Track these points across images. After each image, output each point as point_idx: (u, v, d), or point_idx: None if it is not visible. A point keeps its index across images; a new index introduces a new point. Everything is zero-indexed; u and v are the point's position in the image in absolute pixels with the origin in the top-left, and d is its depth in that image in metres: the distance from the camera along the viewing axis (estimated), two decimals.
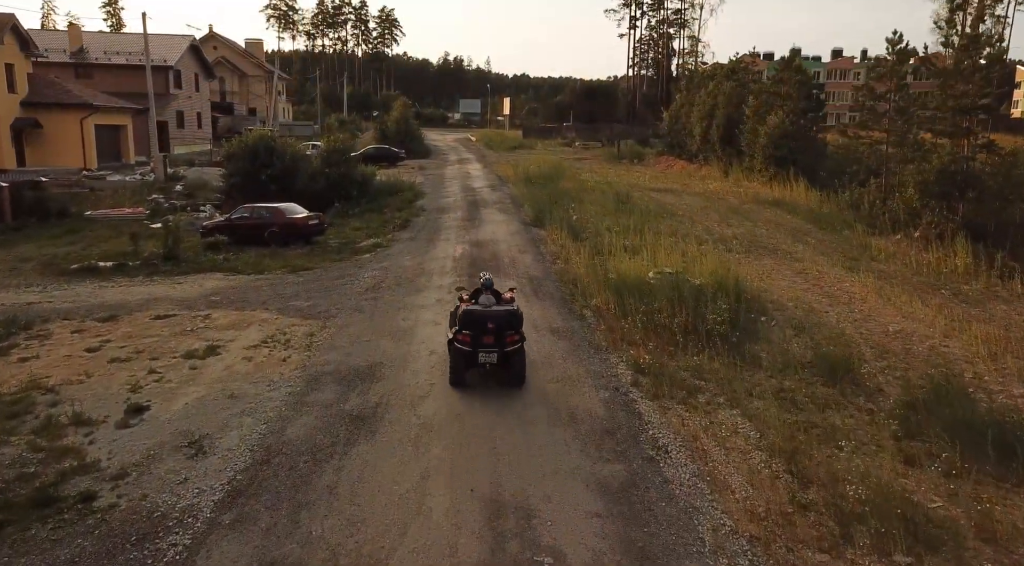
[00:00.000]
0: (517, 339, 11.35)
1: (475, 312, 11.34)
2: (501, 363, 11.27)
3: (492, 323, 11.19)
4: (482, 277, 12.28)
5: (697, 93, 47.57)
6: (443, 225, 27.03)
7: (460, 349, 11.28)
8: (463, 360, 11.29)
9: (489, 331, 11.14)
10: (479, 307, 11.50)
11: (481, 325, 11.16)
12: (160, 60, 56.24)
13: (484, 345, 11.15)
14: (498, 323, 11.21)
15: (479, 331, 11.14)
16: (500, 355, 11.19)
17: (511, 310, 11.52)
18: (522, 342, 11.47)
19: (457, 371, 11.39)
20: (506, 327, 11.24)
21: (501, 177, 43.93)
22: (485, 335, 11.14)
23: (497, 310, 11.42)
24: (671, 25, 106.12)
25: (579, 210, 29.20)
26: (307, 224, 23.86)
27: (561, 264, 19.91)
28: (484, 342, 11.15)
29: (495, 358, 11.18)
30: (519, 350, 11.38)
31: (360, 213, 30.21)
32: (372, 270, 19.58)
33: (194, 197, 33.98)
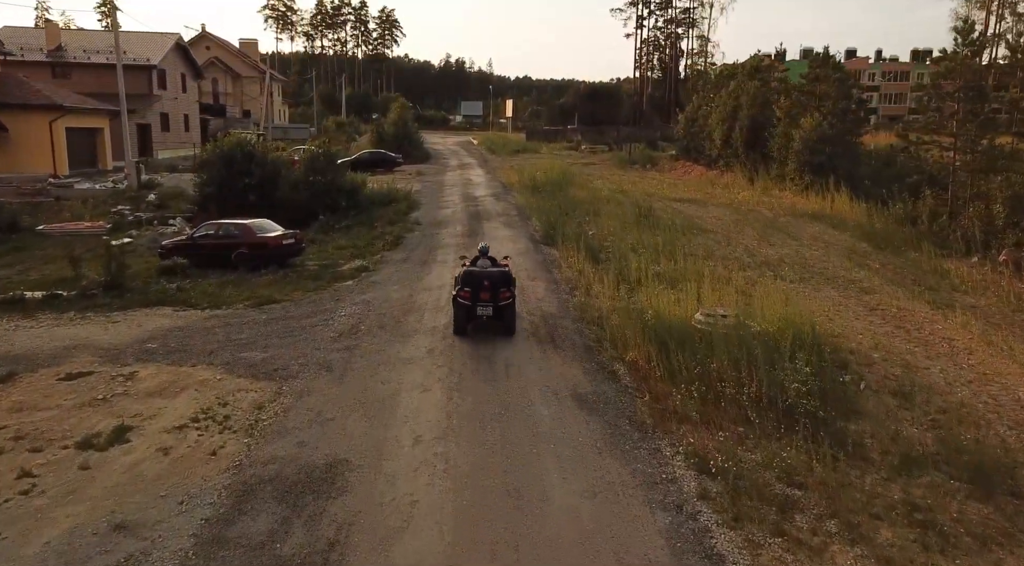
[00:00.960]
0: (508, 295, 13.69)
1: (474, 273, 13.65)
2: (495, 315, 13.57)
3: (488, 281, 13.45)
4: (480, 245, 15.09)
5: (716, 93, 44.14)
6: (440, 243, 23.60)
7: (461, 304, 13.56)
8: (464, 313, 13.60)
9: (485, 288, 13.41)
10: (477, 269, 13.82)
11: (479, 283, 13.44)
12: (143, 59, 53.09)
13: (481, 300, 13.44)
14: (493, 282, 13.49)
15: (477, 288, 13.42)
16: (495, 309, 13.51)
17: (504, 271, 13.94)
18: (513, 299, 13.87)
19: (459, 322, 13.74)
20: (500, 285, 13.54)
21: (505, 184, 40.54)
22: (482, 292, 13.42)
23: (492, 271, 13.81)
24: (679, 24, 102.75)
25: (595, 224, 25.77)
26: (281, 244, 20.44)
27: (581, 296, 16.48)
28: (481, 298, 13.44)
29: (490, 311, 13.51)
30: (510, 305, 13.79)
31: (347, 227, 26.80)
32: (352, 304, 16.15)
33: (166, 208, 30.62)
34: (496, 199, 34.17)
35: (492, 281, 13.49)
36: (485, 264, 14.09)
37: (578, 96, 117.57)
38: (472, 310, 13.49)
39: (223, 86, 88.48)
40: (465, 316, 13.60)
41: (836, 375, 11.58)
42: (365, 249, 22.96)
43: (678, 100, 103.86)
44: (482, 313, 13.50)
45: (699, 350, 11.64)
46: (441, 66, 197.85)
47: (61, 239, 25.44)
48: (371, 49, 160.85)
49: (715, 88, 46.04)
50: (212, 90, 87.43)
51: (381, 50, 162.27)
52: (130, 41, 56.77)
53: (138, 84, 53.11)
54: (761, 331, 12.05)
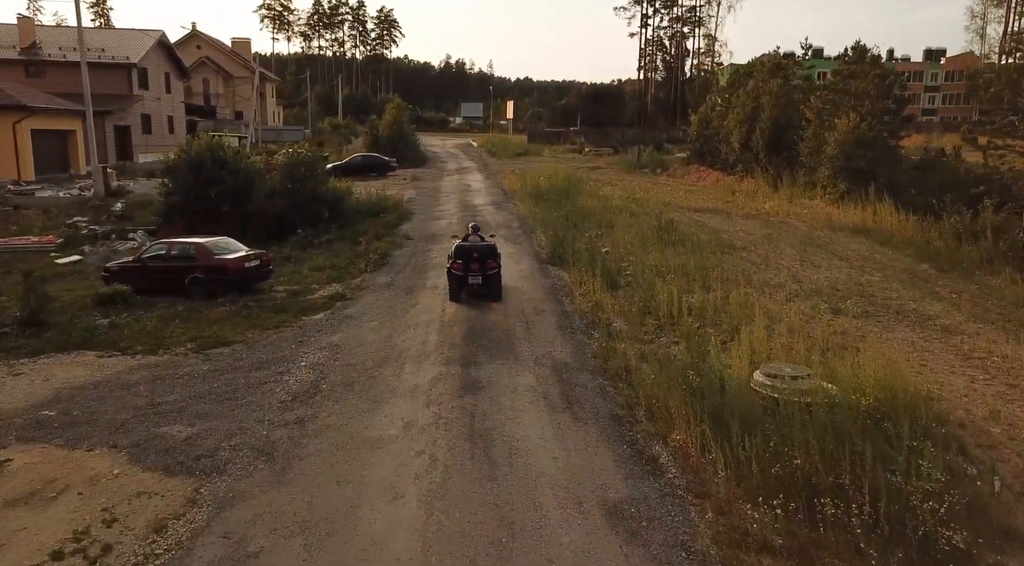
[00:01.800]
0: (495, 266, 16.03)
1: (465, 247, 16.10)
2: (484, 283, 15.88)
3: (477, 254, 15.87)
4: (470, 223, 18.28)
5: (733, 93, 41.05)
6: (431, 263, 20.49)
7: (455, 274, 15.95)
8: (457, 283, 16.00)
9: (475, 260, 15.78)
10: (468, 244, 16.22)
11: (469, 256, 15.84)
12: (122, 57, 50.06)
13: (472, 271, 15.77)
14: (481, 254, 15.91)
15: (468, 260, 15.78)
16: (484, 278, 15.84)
17: (491, 245, 16.33)
18: (499, 269, 16.20)
19: (454, 291, 16.09)
20: (487, 257, 15.94)
21: (506, 191, 37.44)
22: (472, 263, 15.75)
23: (480, 245, 16.17)
24: (685, 23, 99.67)
25: (609, 239, 22.69)
26: (242, 267, 17.32)
27: (600, 338, 13.35)
28: (472, 269, 15.77)
29: (480, 280, 15.84)
30: (496, 274, 16.10)
31: (328, 242, 23.73)
32: (317, 349, 13.04)
33: (131, 219, 27.53)
34: (496, 208, 31.08)
35: (480, 254, 15.97)
36: (475, 240, 16.52)
37: (580, 97, 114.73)
38: (464, 279, 15.95)
39: (214, 87, 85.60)
40: (458, 285, 16.07)
41: (957, 464, 8.50)
42: (344, 270, 19.87)
43: (684, 101, 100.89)
44: (473, 282, 15.92)
45: (771, 431, 8.55)
46: (441, 67, 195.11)
47: (1, 256, 22.43)
48: (369, 50, 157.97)
49: (731, 87, 42.95)
50: (203, 91, 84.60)
51: (379, 51, 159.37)
52: (109, 38, 53.84)
53: (117, 84, 50.12)
54: (854, 404, 8.96)
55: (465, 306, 15.71)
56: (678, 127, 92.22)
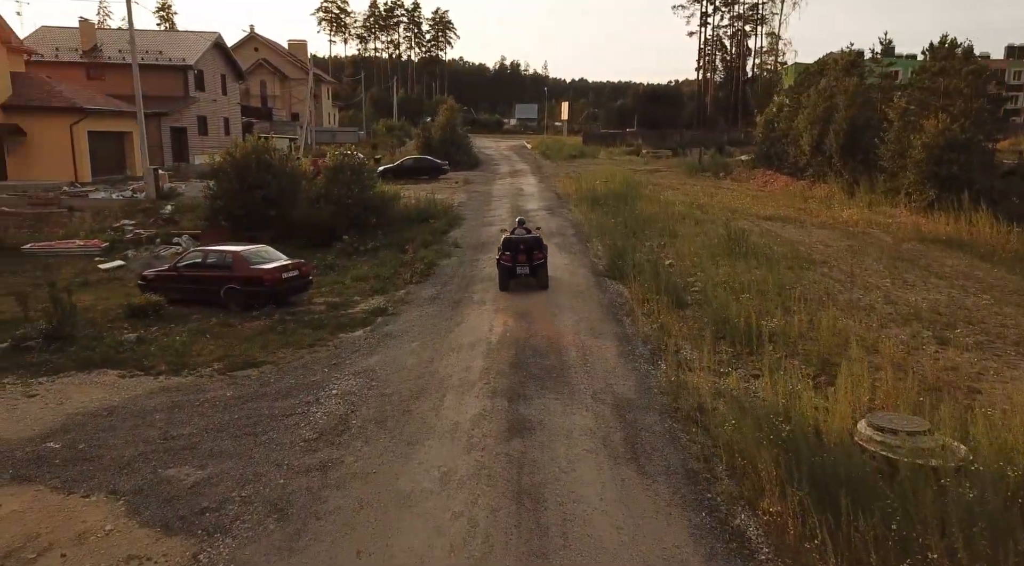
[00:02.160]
0: (541, 257, 17.14)
1: (512, 239, 17.23)
2: (531, 273, 17.04)
3: (524, 246, 17.03)
4: (517, 219, 19.41)
5: (803, 92, 38.63)
6: (479, 274, 19.16)
7: (504, 265, 17.04)
8: (506, 273, 17.04)
9: (522, 251, 16.95)
10: (515, 236, 17.32)
11: (516, 248, 17.00)
12: (178, 59, 50.42)
13: (519, 262, 16.89)
14: (528, 246, 17.07)
15: (516, 252, 16.95)
16: (531, 268, 16.97)
17: (536, 237, 17.49)
18: (545, 259, 17.23)
19: (503, 281, 17.12)
20: (534, 248, 17.07)
21: (560, 195, 35.93)
22: (520, 255, 16.91)
23: (527, 237, 17.32)
24: (747, 21, 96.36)
25: (672, 250, 20.99)
26: (279, 279, 16.28)
27: (668, 369, 11.75)
28: (519, 260, 16.90)
29: (527, 270, 16.96)
30: (543, 264, 17.16)
31: (374, 250, 22.63)
32: (351, 375, 11.80)
33: (177, 223, 27.04)
34: (550, 214, 29.59)
35: (527, 246, 17.02)
36: (521, 233, 17.50)
37: (637, 98, 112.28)
38: (512, 270, 16.93)
39: (271, 89, 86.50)
40: (507, 275, 17.01)
41: None
42: (389, 281, 18.70)
43: (745, 102, 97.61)
44: (520, 272, 16.93)
45: (891, 507, 6.86)
46: (496, 69, 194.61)
47: (47, 260, 22.06)
48: (424, 51, 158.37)
49: (800, 86, 40.50)
50: (260, 93, 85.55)
51: (434, 52, 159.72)
52: (166, 41, 54.39)
53: (173, 85, 50.51)
54: (998, 473, 7.19)
55: (514, 325, 14.29)
56: (739, 129, 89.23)
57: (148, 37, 54.50)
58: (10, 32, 37.10)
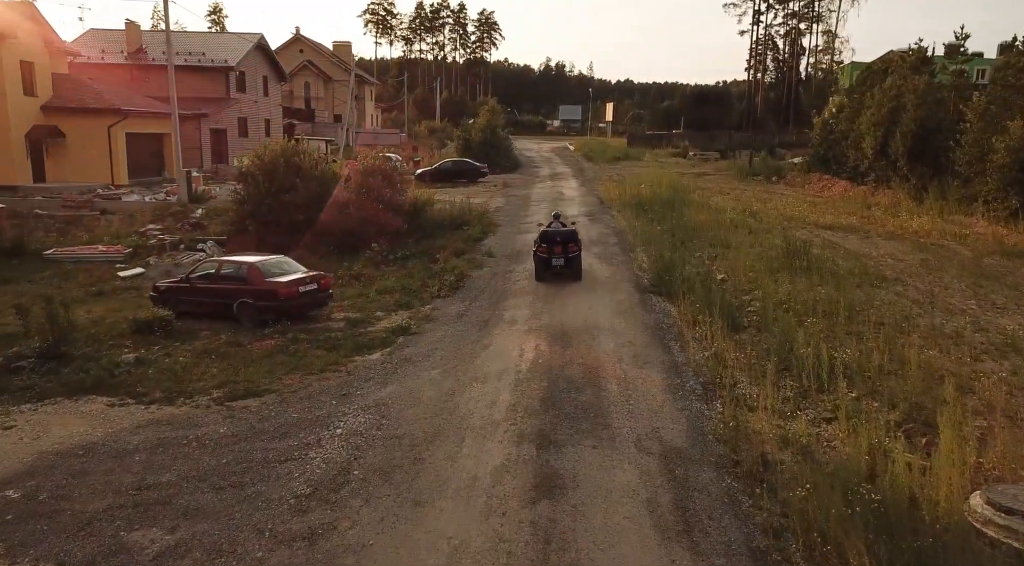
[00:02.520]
0: (576, 249, 17.88)
1: (549, 232, 18.00)
2: (566, 264, 17.71)
3: (560, 239, 17.76)
4: (553, 213, 20.48)
5: (864, 92, 36.20)
6: (512, 288, 17.67)
7: (540, 257, 17.84)
8: (542, 264, 17.83)
9: (558, 243, 17.67)
10: (551, 230, 18.10)
11: (553, 240, 17.74)
12: (220, 60, 50.21)
13: (555, 254, 17.62)
14: (564, 239, 17.79)
15: (551, 244, 17.67)
16: (566, 259, 17.67)
17: (572, 230, 18.37)
18: (579, 251, 18.04)
19: (539, 271, 17.95)
20: (569, 241, 17.80)
21: (603, 200, 34.25)
22: (556, 247, 17.63)
23: (563, 231, 18.10)
24: (802, 19, 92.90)
25: (725, 263, 19.20)
26: (295, 293, 15.05)
27: (725, 410, 10.08)
28: (555, 252, 17.63)
29: (563, 262, 17.68)
30: (577, 256, 17.87)
31: (403, 259, 21.38)
32: (361, 408, 10.43)
33: (204, 228, 26.22)
34: (591, 220, 27.96)
35: (563, 238, 17.70)
36: (557, 226, 18.26)
37: (684, 99, 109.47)
38: (548, 261, 17.61)
39: (315, 90, 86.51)
40: (544, 266, 17.74)
41: None
42: (415, 294, 17.36)
43: (797, 103, 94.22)
44: (556, 263, 17.56)
45: None
46: (541, 70, 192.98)
47: (68, 265, 21.35)
48: (469, 53, 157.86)
49: (862, 86, 38.03)
50: (304, 94, 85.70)
51: (479, 54, 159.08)
52: (208, 42, 54.30)
53: (214, 87, 50.32)
54: None
55: (547, 350, 12.77)
56: (791, 131, 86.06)
57: (191, 39, 54.63)
58: (53, 34, 37.02)
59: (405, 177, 25.13)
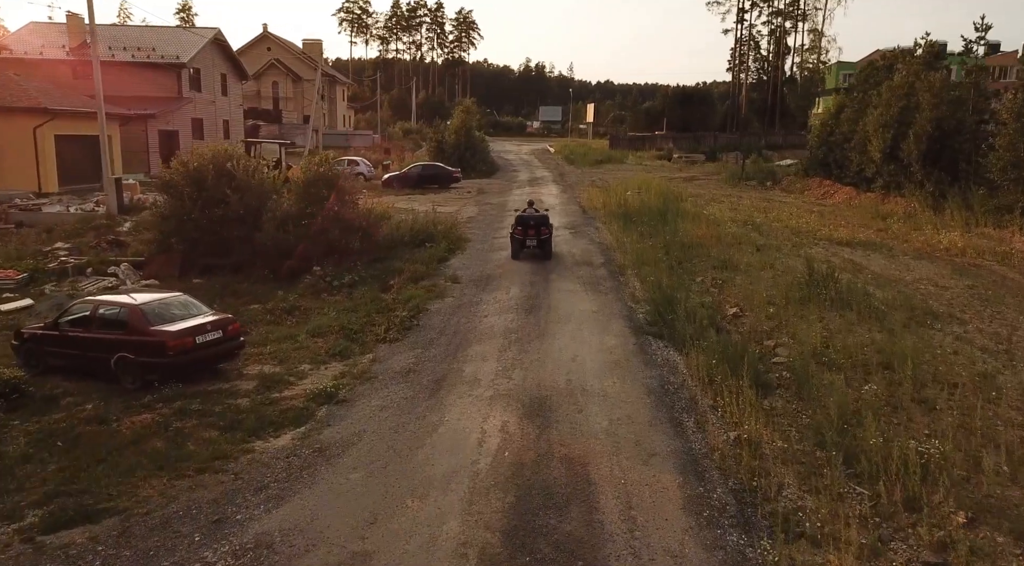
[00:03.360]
0: (547, 232, 20.21)
1: (524, 217, 20.40)
2: (538, 245, 20.10)
3: (533, 223, 20.14)
4: (528, 200, 23.87)
5: (868, 90, 33.29)
6: (479, 326, 14.25)
7: (516, 238, 20.21)
8: (518, 244, 20.21)
9: (531, 227, 20.06)
10: (526, 215, 20.49)
11: (527, 224, 20.14)
12: (172, 56, 46.34)
13: (529, 236, 20.01)
14: (537, 223, 20.18)
15: (526, 227, 20.09)
16: (538, 241, 20.05)
17: (544, 215, 20.78)
18: (550, 234, 20.40)
19: (515, 251, 20.30)
20: (541, 225, 20.15)
21: (586, 209, 31.00)
22: (530, 230, 20.03)
23: (536, 216, 20.50)
24: (787, 18, 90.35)
25: (734, 291, 15.96)
26: (189, 345, 11.51)
27: (779, 554, 6.76)
28: (529, 234, 20.01)
29: (535, 243, 20.05)
30: (548, 238, 20.24)
31: (351, 285, 17.90)
32: (232, 551, 6.96)
33: (125, 246, 22.51)
34: (574, 235, 24.66)
35: (536, 222, 20.26)
36: (532, 212, 20.79)
37: (666, 99, 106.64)
38: (523, 242, 20.19)
39: (284, 90, 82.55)
40: (519, 247, 20.25)
41: None
42: (356, 337, 13.89)
43: (783, 103, 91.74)
44: (530, 244, 20.16)
45: None
46: (521, 71, 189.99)
47: None
48: (447, 52, 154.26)
49: (866, 83, 35.11)
50: (272, 94, 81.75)
51: (457, 54, 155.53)
52: (160, 37, 50.26)
53: (166, 85, 46.39)
54: None
55: (518, 432, 9.37)
56: (777, 132, 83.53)
57: (142, 33, 50.61)
58: None
59: (356, 188, 21.54)
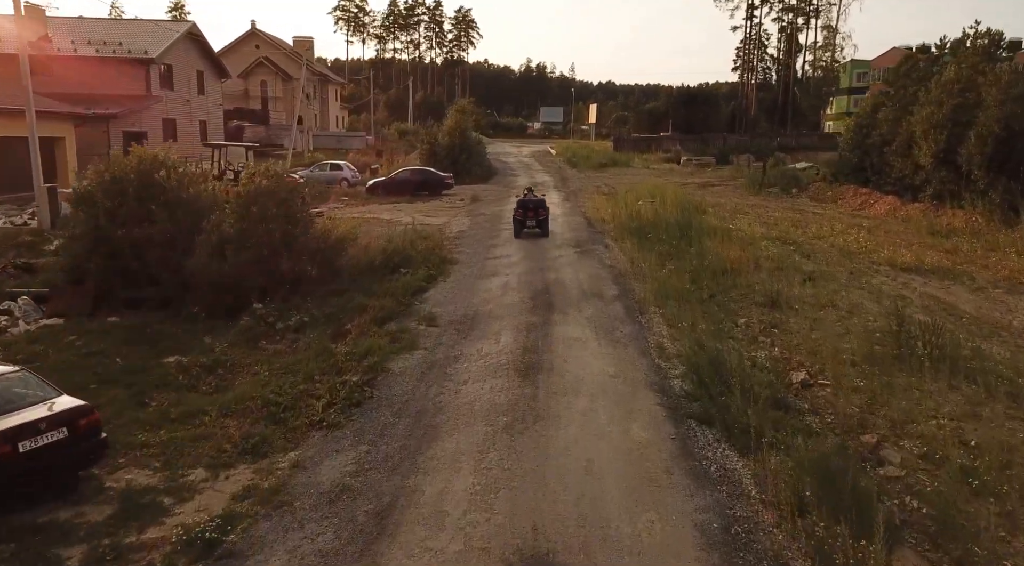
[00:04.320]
0: (544, 214, 23.65)
1: (524, 200, 23.99)
2: (537, 225, 23.44)
3: (532, 206, 23.54)
4: (525, 188, 27.68)
5: (912, 86, 29.44)
6: (455, 403, 10.30)
7: (517, 220, 23.53)
8: (519, 225, 23.49)
9: (531, 209, 23.42)
10: (526, 199, 24.10)
11: (527, 207, 23.49)
12: (140, 51, 42.56)
13: (529, 217, 23.33)
14: (535, 206, 23.64)
15: (526, 210, 23.41)
16: (536, 222, 23.42)
17: (541, 200, 24.55)
18: (547, 216, 23.86)
19: (517, 230, 23.55)
20: (539, 208, 23.62)
21: (593, 221, 27.17)
22: (529, 211, 23.35)
23: (535, 200, 24.19)
24: (799, 14, 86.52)
25: (791, 343, 12.07)
26: (13, 455, 7.66)
27: None
28: (529, 216, 23.32)
29: (534, 223, 23.39)
30: (545, 220, 23.67)
31: (297, 329, 14.02)
32: None
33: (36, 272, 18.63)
34: (580, 254, 20.81)
35: (535, 205, 23.64)
36: (531, 196, 24.47)
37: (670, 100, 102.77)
38: (524, 223, 23.37)
39: (272, 89, 78.77)
40: (520, 227, 23.47)
41: None
42: (284, 417, 10.00)
43: (795, 103, 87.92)
44: (529, 225, 23.34)
45: None
46: (521, 71, 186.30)
47: None
48: (446, 52, 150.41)
49: (906, 78, 31.25)
50: (261, 94, 78.05)
51: (456, 53, 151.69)
52: (131, 31, 46.57)
53: (133, 82, 42.58)
54: None
55: None
56: (788, 133, 79.72)
57: (109, 27, 46.80)
58: None
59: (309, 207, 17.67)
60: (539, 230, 23.41)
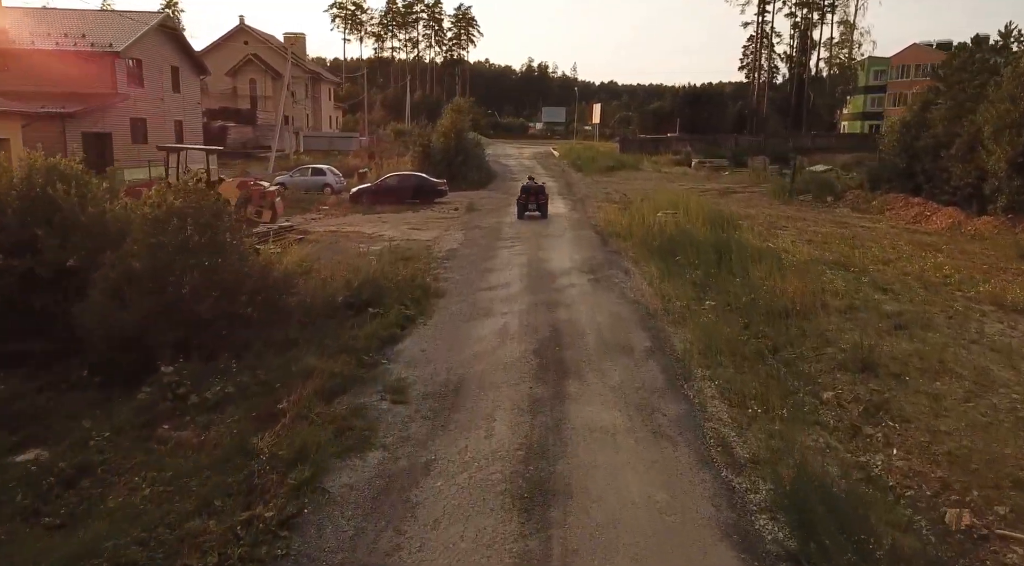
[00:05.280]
0: (544, 199, 27.80)
1: (527, 187, 27.85)
2: (537, 209, 27.37)
3: (533, 192, 27.53)
4: (528, 177, 30.69)
5: (966, 82, 25.56)
6: (423, 561, 6.52)
7: (520, 204, 27.63)
8: (522, 208, 27.48)
9: (532, 194, 27.45)
10: (528, 185, 27.99)
11: (528, 192, 27.54)
12: (104, 44, 38.72)
13: (530, 202, 27.34)
14: (536, 191, 27.65)
15: (527, 195, 27.45)
16: (537, 205, 27.41)
17: (540, 186, 28.41)
18: (546, 201, 28.04)
19: (520, 212, 27.44)
20: (539, 193, 27.65)
21: (606, 237, 23.29)
22: (530, 196, 27.38)
23: (536, 186, 27.98)
24: (814, 9, 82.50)
25: (913, 437, 8.12)
26: None
27: None
28: (530, 200, 27.35)
29: (535, 207, 27.35)
30: (545, 204, 27.82)
31: (213, 407, 10.11)
32: None
33: None
34: (596, 285, 16.91)
35: (535, 191, 27.70)
36: (531, 184, 28.21)
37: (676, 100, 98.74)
38: (525, 207, 27.36)
39: (262, 88, 74.94)
40: (522, 210, 27.42)
41: None
42: None
43: (810, 102, 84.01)
44: (531, 207, 27.23)
45: None
46: (523, 71, 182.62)
47: None
48: (445, 50, 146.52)
49: (960, 70, 27.33)
50: (250, 92, 74.29)
51: (456, 52, 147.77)
52: (98, 21, 42.75)
53: (98, 78, 38.72)
54: None
55: None
56: (803, 134, 75.86)
57: (71, 18, 42.88)
58: None
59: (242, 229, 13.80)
60: (539, 213, 27.41)
